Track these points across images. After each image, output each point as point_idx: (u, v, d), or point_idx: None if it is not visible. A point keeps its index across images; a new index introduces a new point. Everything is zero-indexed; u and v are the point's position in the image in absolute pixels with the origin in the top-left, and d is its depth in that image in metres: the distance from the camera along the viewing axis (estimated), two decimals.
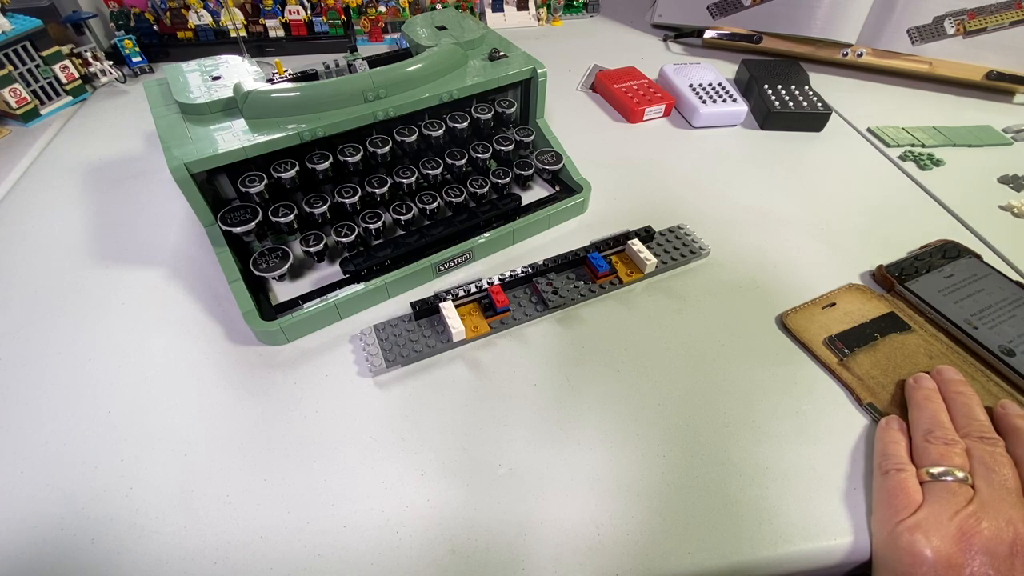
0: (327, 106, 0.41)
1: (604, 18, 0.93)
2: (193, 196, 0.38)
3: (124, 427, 0.34)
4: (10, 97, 0.59)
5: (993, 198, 0.55)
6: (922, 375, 0.36)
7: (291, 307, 0.39)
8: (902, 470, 0.31)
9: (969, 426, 0.33)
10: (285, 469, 0.32)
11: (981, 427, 0.32)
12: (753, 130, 0.64)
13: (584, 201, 0.50)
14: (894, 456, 0.32)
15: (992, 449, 0.31)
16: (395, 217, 0.44)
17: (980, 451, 0.31)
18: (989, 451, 0.31)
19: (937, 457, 0.31)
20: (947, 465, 0.30)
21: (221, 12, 0.73)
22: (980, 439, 0.32)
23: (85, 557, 0.29)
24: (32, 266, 0.45)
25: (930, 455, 0.31)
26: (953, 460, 0.31)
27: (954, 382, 0.36)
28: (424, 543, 0.30)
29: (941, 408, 0.34)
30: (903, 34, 0.70)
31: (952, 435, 0.32)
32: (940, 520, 0.28)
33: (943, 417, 0.33)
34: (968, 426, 0.33)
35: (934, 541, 0.27)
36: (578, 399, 0.36)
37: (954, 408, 0.34)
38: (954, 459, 0.31)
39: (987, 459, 0.30)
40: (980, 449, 0.31)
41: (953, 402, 0.34)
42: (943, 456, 0.31)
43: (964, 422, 0.33)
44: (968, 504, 0.28)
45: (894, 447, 0.33)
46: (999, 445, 0.31)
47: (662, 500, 0.31)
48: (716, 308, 0.43)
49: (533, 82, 0.50)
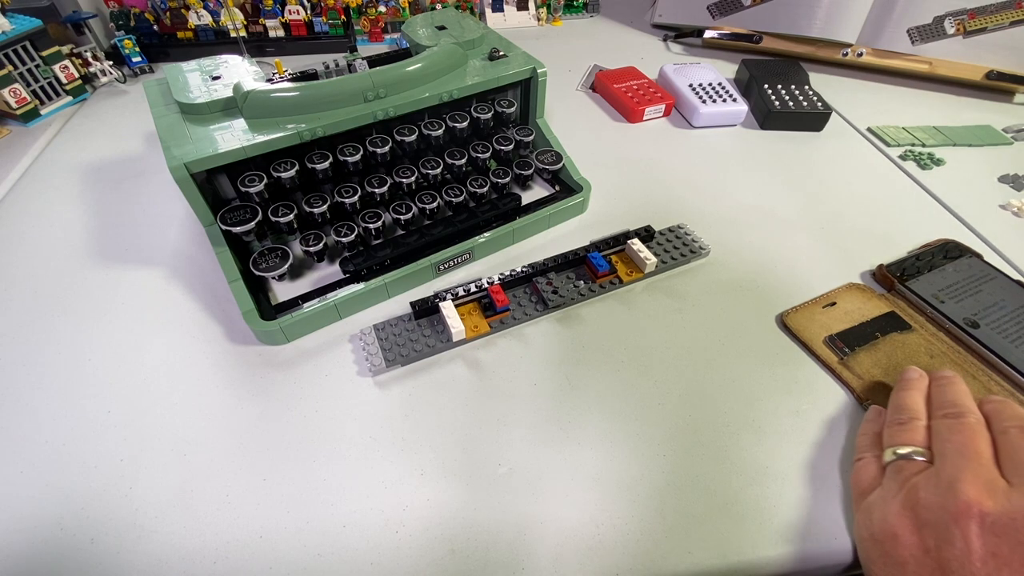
0: (327, 106, 0.41)
1: (604, 18, 0.93)
2: (193, 196, 0.38)
3: (124, 427, 0.34)
4: (10, 97, 0.59)
5: (993, 197, 0.55)
6: (910, 368, 0.36)
7: (291, 307, 0.39)
8: (862, 457, 0.32)
9: (941, 408, 0.32)
10: (285, 469, 0.32)
11: (951, 405, 0.32)
12: (753, 130, 0.64)
13: (584, 201, 0.50)
14: (858, 448, 0.33)
15: (955, 421, 0.30)
16: (395, 217, 0.44)
17: (940, 426, 0.30)
18: (950, 424, 0.30)
19: (895, 438, 0.31)
20: (903, 443, 0.30)
21: (221, 12, 0.73)
22: (944, 416, 0.31)
23: (85, 557, 0.29)
24: (32, 266, 0.45)
25: (890, 436, 0.32)
26: (909, 438, 0.30)
27: (943, 376, 0.35)
28: (424, 543, 0.29)
29: (909, 393, 0.34)
30: (903, 34, 0.70)
31: (911, 415, 0.32)
32: (886, 497, 0.28)
33: (907, 400, 0.33)
34: (940, 408, 0.32)
35: (877, 519, 0.28)
36: (578, 399, 0.36)
37: (934, 395, 0.34)
38: (909, 436, 0.30)
39: (944, 431, 0.30)
40: (943, 425, 0.30)
41: (935, 391, 0.34)
42: (900, 436, 0.31)
43: (937, 404, 0.33)
44: (914, 474, 0.28)
45: (861, 439, 0.34)
46: (966, 416, 0.30)
47: (662, 500, 0.31)
48: (716, 308, 0.43)
49: (533, 82, 0.50)
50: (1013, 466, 0.26)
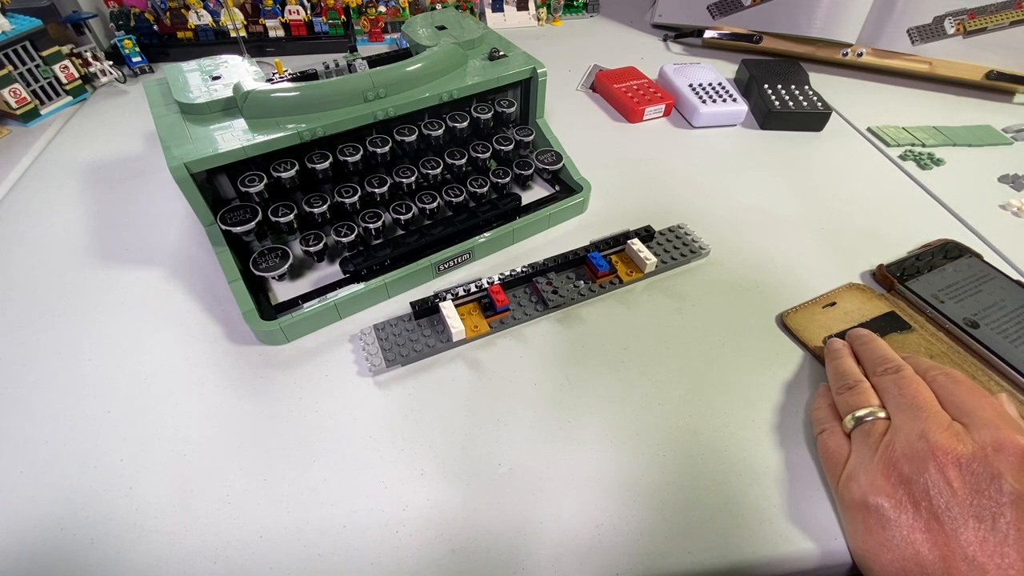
0: (327, 106, 0.41)
1: (604, 18, 0.93)
2: (193, 196, 0.38)
3: (124, 427, 0.34)
4: (10, 97, 0.59)
5: (993, 197, 0.55)
6: (832, 339, 0.38)
7: (291, 307, 0.39)
8: (824, 430, 0.32)
9: (875, 364, 0.34)
10: (285, 469, 0.32)
11: (884, 361, 0.33)
12: (753, 130, 0.64)
13: (584, 201, 0.50)
14: (817, 421, 0.34)
15: (897, 375, 0.32)
16: (395, 217, 0.44)
17: (886, 383, 0.32)
18: (894, 379, 0.32)
19: (849, 404, 0.32)
20: (860, 408, 0.31)
21: (221, 12, 0.73)
22: (884, 372, 0.32)
23: (85, 557, 0.29)
24: (32, 266, 0.45)
25: (843, 404, 0.33)
26: (863, 401, 0.32)
27: (859, 335, 0.37)
28: (424, 543, 0.29)
29: (844, 359, 0.35)
30: (903, 34, 0.70)
31: (855, 378, 0.33)
32: (864, 461, 0.29)
33: (846, 365, 0.35)
34: (874, 365, 0.34)
35: (864, 484, 0.28)
36: (578, 399, 0.36)
37: (862, 355, 0.35)
38: (862, 399, 0.32)
39: (891, 387, 0.31)
40: (887, 381, 0.32)
41: (860, 351, 0.36)
42: (853, 400, 0.32)
43: (870, 364, 0.34)
44: (883, 434, 0.29)
45: (816, 412, 0.34)
46: (904, 370, 0.32)
47: (662, 500, 0.31)
48: (716, 308, 0.43)
49: (533, 82, 0.50)
50: (957, 409, 0.29)
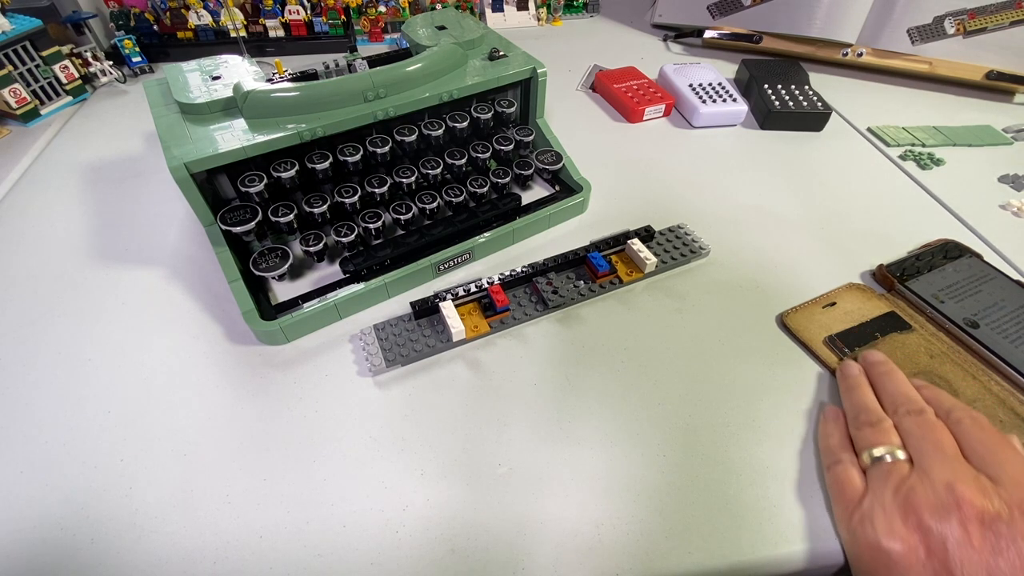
0: (327, 106, 0.41)
1: (604, 18, 0.93)
2: (193, 196, 0.38)
3: (124, 427, 0.34)
4: (10, 97, 0.59)
5: (993, 197, 0.55)
6: (847, 363, 0.37)
7: (291, 307, 0.39)
8: (839, 462, 0.31)
9: (896, 402, 0.33)
10: (285, 469, 0.32)
11: (907, 400, 0.33)
12: (753, 130, 0.64)
13: (584, 201, 0.50)
14: (830, 449, 0.33)
15: (920, 418, 0.31)
16: (395, 217, 0.44)
17: (909, 424, 0.31)
18: (917, 421, 0.31)
19: (869, 440, 0.31)
20: (880, 445, 0.31)
21: (221, 12, 0.73)
22: (907, 413, 0.32)
23: (85, 557, 0.29)
24: (32, 266, 0.45)
25: (862, 439, 0.32)
26: (885, 439, 0.31)
27: (877, 364, 0.36)
28: (424, 543, 0.29)
29: (865, 392, 0.35)
30: (903, 34, 0.70)
31: (877, 415, 0.33)
32: (883, 503, 0.28)
33: (867, 399, 0.34)
34: (895, 403, 0.33)
35: (882, 526, 0.27)
36: (578, 399, 0.36)
37: (880, 389, 0.35)
38: (884, 437, 0.31)
39: (915, 430, 0.31)
40: (909, 422, 0.31)
41: (878, 383, 0.35)
42: (874, 437, 0.31)
43: (890, 400, 0.33)
44: (907, 479, 0.29)
45: (829, 440, 0.33)
46: (927, 412, 0.32)
47: (662, 500, 0.31)
48: (716, 308, 0.43)
49: (533, 82, 0.50)
50: (981, 460, 0.28)
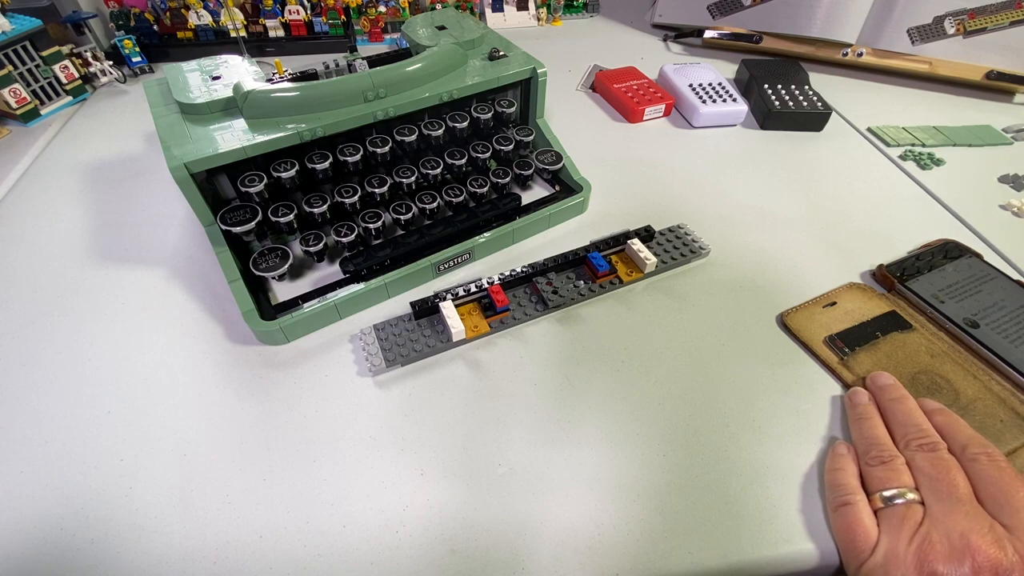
0: (327, 106, 0.41)
1: (604, 18, 0.93)
2: (193, 196, 0.38)
3: (124, 427, 0.34)
4: (10, 97, 0.59)
5: (993, 197, 0.55)
6: (856, 391, 0.36)
7: (291, 307, 0.39)
8: (850, 503, 0.30)
9: (908, 433, 0.32)
10: (285, 469, 0.32)
11: (919, 433, 0.32)
12: (753, 130, 0.64)
13: (584, 201, 0.50)
14: (840, 487, 0.31)
15: (933, 455, 0.30)
16: (395, 217, 0.44)
17: (922, 462, 0.30)
18: (931, 459, 0.30)
19: (882, 480, 0.30)
20: (893, 487, 0.29)
21: (221, 12, 0.73)
22: (920, 447, 0.31)
23: (85, 557, 0.29)
24: (32, 266, 0.45)
25: (875, 479, 0.30)
26: (897, 480, 0.30)
27: (887, 388, 0.35)
28: (424, 543, 0.29)
29: (875, 423, 0.33)
30: (903, 34, 0.70)
31: (890, 451, 0.31)
32: (898, 552, 0.27)
33: (879, 433, 0.33)
34: (907, 433, 0.32)
35: None
36: (578, 399, 0.36)
37: (890, 417, 0.33)
38: (898, 478, 0.30)
39: (930, 470, 0.29)
40: (922, 459, 0.30)
41: (888, 411, 0.34)
42: (887, 478, 0.30)
43: (901, 430, 0.32)
44: (920, 525, 0.27)
45: (839, 476, 0.31)
46: (940, 448, 0.30)
47: (662, 500, 0.31)
48: (716, 308, 0.43)
49: (533, 82, 0.50)
50: (996, 505, 0.28)
